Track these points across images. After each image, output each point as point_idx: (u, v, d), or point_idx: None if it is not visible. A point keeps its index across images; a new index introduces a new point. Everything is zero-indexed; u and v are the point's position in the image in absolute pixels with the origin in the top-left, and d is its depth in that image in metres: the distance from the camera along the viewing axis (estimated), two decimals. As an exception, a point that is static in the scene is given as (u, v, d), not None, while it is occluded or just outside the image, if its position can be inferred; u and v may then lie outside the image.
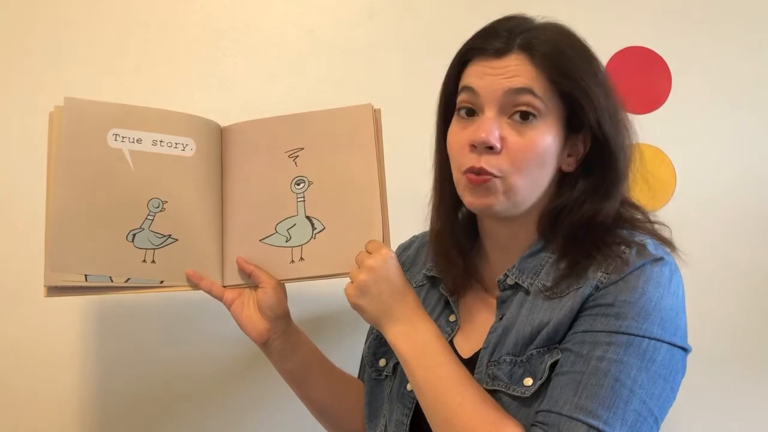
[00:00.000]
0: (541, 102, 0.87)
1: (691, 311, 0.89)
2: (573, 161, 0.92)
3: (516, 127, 0.88)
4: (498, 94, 0.88)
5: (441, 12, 1.43)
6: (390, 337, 0.92)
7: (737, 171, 1.45)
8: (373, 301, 0.92)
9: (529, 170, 0.88)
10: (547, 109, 0.88)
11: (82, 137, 1.01)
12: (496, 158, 0.88)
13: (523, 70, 0.87)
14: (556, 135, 0.89)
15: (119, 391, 1.36)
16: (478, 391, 0.86)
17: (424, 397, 0.87)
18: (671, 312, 0.84)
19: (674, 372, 0.84)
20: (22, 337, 1.33)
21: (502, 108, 0.88)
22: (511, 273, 0.93)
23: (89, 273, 1.01)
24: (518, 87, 0.87)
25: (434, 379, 0.87)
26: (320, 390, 1.11)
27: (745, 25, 1.45)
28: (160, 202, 1.03)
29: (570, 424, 0.79)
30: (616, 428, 0.78)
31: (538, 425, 0.81)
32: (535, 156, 0.88)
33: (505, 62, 0.88)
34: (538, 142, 0.88)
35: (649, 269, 0.84)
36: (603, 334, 0.82)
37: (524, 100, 0.87)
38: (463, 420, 0.83)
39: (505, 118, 0.88)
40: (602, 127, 0.89)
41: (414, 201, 1.08)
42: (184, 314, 1.36)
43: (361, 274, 0.93)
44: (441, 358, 0.88)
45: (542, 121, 0.88)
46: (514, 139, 0.88)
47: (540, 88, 0.87)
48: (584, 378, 0.81)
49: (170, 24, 1.39)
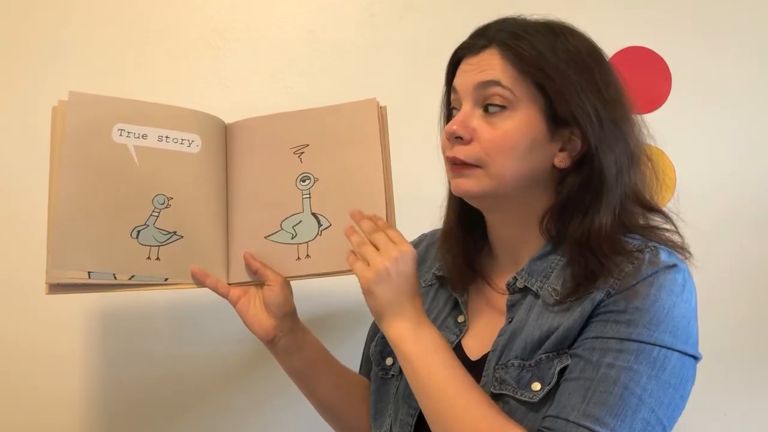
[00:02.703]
0: (510, 92, 0.88)
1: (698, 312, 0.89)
2: (567, 157, 0.91)
3: (487, 119, 0.89)
4: (470, 88, 0.90)
5: (441, 12, 1.44)
6: (394, 333, 0.90)
7: (737, 171, 1.46)
8: (388, 291, 0.89)
9: (505, 157, 0.88)
10: (518, 100, 0.88)
11: (86, 132, 1.00)
12: (468, 148, 0.90)
13: (493, 63, 0.89)
14: (534, 125, 0.88)
15: (122, 391, 1.34)
16: (483, 397, 0.85)
17: (427, 398, 0.86)
18: (683, 320, 0.83)
19: (684, 381, 0.83)
20: (25, 336, 1.32)
21: (476, 101, 0.90)
22: (521, 276, 0.92)
23: (92, 270, 0.98)
24: (485, 80, 0.89)
25: (440, 381, 0.85)
26: (327, 388, 1.10)
27: (745, 26, 1.47)
28: (165, 199, 1.02)
29: (577, 430, 0.78)
30: None
31: (545, 430, 0.80)
32: (509, 144, 0.88)
33: (480, 57, 0.90)
34: (510, 131, 0.88)
35: (663, 276, 0.83)
36: (613, 341, 0.81)
37: (492, 92, 0.89)
38: (469, 423, 0.82)
39: (479, 110, 0.90)
40: (579, 121, 0.88)
41: (415, 200, 1.08)
42: (189, 312, 1.35)
43: (384, 261, 0.90)
44: (448, 361, 0.87)
45: (514, 111, 0.88)
46: (484, 129, 0.89)
47: (508, 79, 0.88)
48: (593, 385, 0.80)
49: (170, 24, 1.39)
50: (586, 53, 0.91)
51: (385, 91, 1.09)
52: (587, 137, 0.88)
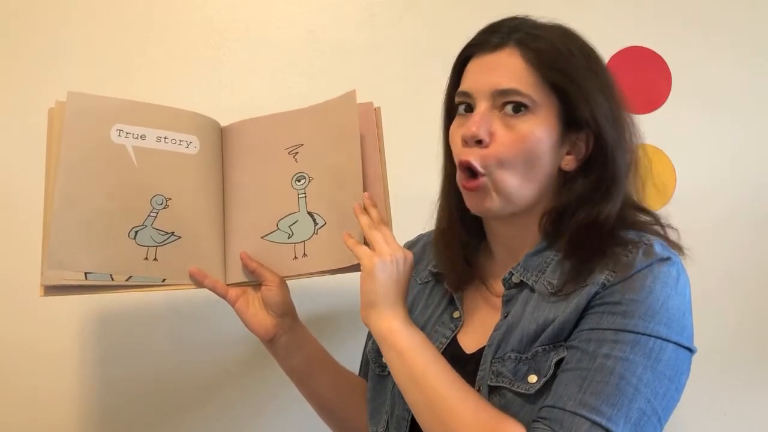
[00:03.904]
0: (529, 98, 0.88)
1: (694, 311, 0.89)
2: (573, 160, 0.92)
3: (506, 121, 0.89)
4: (487, 93, 0.89)
5: (441, 12, 1.44)
6: (386, 326, 0.90)
7: (737, 171, 1.46)
8: (387, 282, 0.90)
9: (516, 164, 0.88)
10: (536, 104, 0.88)
11: (84, 131, 0.99)
12: (484, 151, 0.89)
13: (512, 64, 0.89)
14: (550, 130, 0.89)
15: (119, 391, 1.35)
16: (475, 392, 0.86)
17: (419, 391, 0.86)
18: (678, 312, 0.84)
19: (679, 372, 0.83)
20: (21, 337, 1.32)
21: (494, 104, 0.90)
22: (516, 271, 0.93)
23: (89, 271, 0.98)
24: (504, 89, 0.88)
25: (433, 374, 0.86)
26: (325, 387, 1.10)
27: (744, 26, 1.46)
28: (163, 199, 1.02)
29: (573, 419, 0.79)
30: (620, 425, 0.78)
31: (541, 421, 0.81)
32: (524, 149, 0.88)
33: (498, 57, 0.90)
34: (527, 134, 0.88)
35: (657, 269, 0.84)
36: (610, 332, 0.82)
37: (512, 99, 0.88)
38: (464, 415, 0.82)
39: (497, 111, 0.89)
40: (599, 124, 0.89)
41: (414, 200, 1.08)
42: (186, 313, 1.35)
43: (393, 252, 0.91)
44: (438, 358, 0.88)
45: (533, 114, 0.88)
46: (502, 132, 0.89)
47: (528, 84, 0.88)
48: (589, 375, 0.80)
49: (170, 24, 1.39)
50: (594, 54, 0.92)
51: (384, 91, 1.10)
52: (603, 139, 0.89)
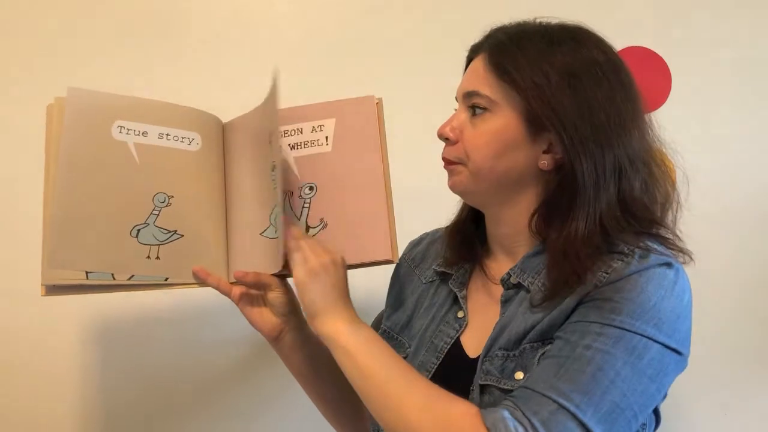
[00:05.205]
0: (487, 99, 0.92)
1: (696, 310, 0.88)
2: (550, 159, 0.91)
3: (472, 120, 0.94)
4: (461, 95, 0.96)
5: (440, 11, 1.44)
6: (329, 329, 0.91)
7: (737, 171, 1.46)
8: (322, 289, 0.92)
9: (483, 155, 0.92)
10: (495, 104, 0.91)
11: (85, 128, 0.98)
12: (454, 148, 0.95)
13: (478, 68, 0.94)
14: (513, 127, 0.91)
15: (121, 392, 1.34)
16: (425, 378, 0.88)
17: (370, 382, 0.86)
18: (671, 314, 0.83)
19: (663, 373, 0.83)
20: (22, 338, 1.31)
21: (466, 103, 0.95)
22: (514, 272, 0.94)
23: (90, 270, 0.96)
24: (468, 90, 0.94)
25: (380, 364, 0.87)
26: (329, 384, 1.09)
27: (744, 26, 1.47)
28: (166, 197, 1.01)
29: (540, 399, 0.79)
30: (588, 414, 0.77)
31: (509, 398, 0.81)
32: (483, 144, 0.92)
33: (476, 62, 0.95)
34: (485, 132, 0.92)
35: (653, 271, 0.84)
36: (595, 324, 0.82)
37: (475, 100, 0.93)
38: (415, 400, 0.83)
39: (468, 113, 0.95)
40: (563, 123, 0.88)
41: (413, 198, 1.07)
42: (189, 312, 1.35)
43: (318, 260, 0.93)
44: (386, 350, 0.90)
45: (492, 113, 0.92)
46: (468, 130, 0.94)
47: (486, 85, 0.92)
48: (567, 362, 0.81)
49: (170, 23, 1.39)
50: (581, 64, 0.90)
51: (383, 90, 1.10)
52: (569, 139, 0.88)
